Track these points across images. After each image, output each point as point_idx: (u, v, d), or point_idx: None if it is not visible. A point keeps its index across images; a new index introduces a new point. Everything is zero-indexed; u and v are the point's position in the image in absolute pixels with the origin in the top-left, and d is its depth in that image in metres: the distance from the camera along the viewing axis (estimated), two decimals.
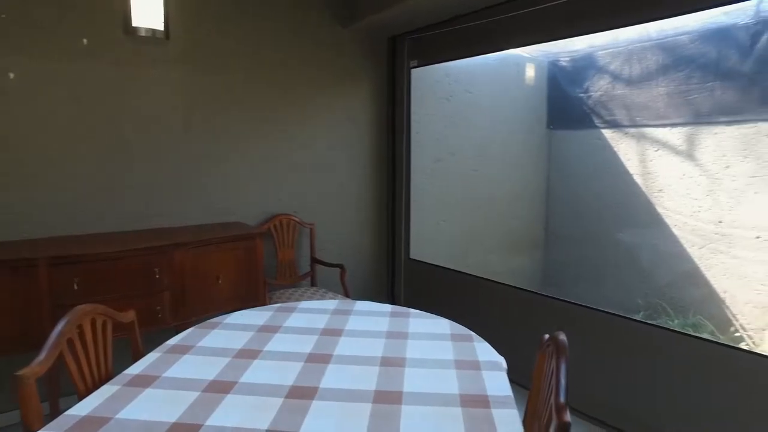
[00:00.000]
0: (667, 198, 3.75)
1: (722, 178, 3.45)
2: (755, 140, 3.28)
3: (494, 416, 1.23)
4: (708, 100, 3.48)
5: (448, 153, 4.02)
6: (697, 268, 3.62)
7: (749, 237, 3.34)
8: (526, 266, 4.61)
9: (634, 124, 3.92)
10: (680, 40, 3.57)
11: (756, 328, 3.31)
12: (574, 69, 4.25)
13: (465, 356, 1.59)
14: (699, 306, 3.61)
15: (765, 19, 3.11)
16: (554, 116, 4.48)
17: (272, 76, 3.23)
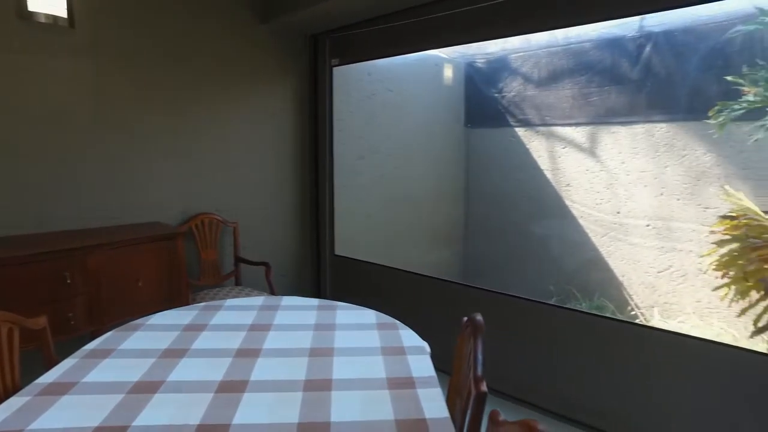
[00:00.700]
0: (574, 191, 4.07)
1: (619, 173, 3.80)
2: (644, 139, 3.65)
3: (419, 395, 1.32)
4: (605, 103, 3.82)
5: (370, 150, 4.10)
6: (600, 255, 3.97)
7: (641, 225, 3.72)
8: (448, 259, 4.81)
9: (543, 123, 4.21)
10: (582, 47, 3.89)
11: (646, 305, 3.70)
12: (489, 70, 4.49)
13: (390, 343, 1.67)
14: (602, 289, 3.96)
15: (648, 33, 3.48)
16: (471, 115, 4.70)
17: (188, 70, 3.14)
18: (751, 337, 2.54)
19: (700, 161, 3.41)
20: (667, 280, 3.62)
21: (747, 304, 2.52)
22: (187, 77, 3.13)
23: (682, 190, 3.49)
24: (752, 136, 2.98)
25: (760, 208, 2.72)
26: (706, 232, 3.21)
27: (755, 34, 2.96)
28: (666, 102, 3.54)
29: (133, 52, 2.89)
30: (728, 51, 3.13)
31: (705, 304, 3.43)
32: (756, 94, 2.78)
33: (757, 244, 2.44)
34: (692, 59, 3.35)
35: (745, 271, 2.47)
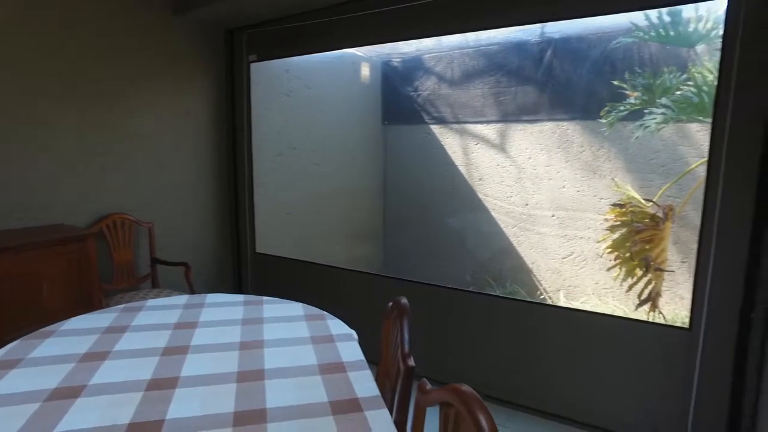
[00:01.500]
0: (486, 185, 4.33)
1: (526, 167, 4.10)
2: (548, 136, 3.97)
3: (350, 377, 1.39)
4: (513, 102, 4.10)
5: (289, 147, 4.09)
6: (511, 244, 4.26)
7: (547, 216, 4.04)
8: (370, 252, 4.92)
9: (457, 120, 4.43)
10: (492, 49, 4.14)
11: (553, 289, 4.03)
12: (404, 69, 4.64)
13: (319, 332, 1.72)
14: (514, 276, 4.25)
15: (548, 39, 3.79)
16: (388, 112, 4.83)
17: (98, 64, 2.96)
18: (636, 309, 2.89)
19: (595, 156, 3.77)
20: (570, 265, 3.97)
21: (633, 281, 2.85)
22: (98, 72, 2.96)
23: (581, 183, 3.84)
24: (634, 134, 3.36)
25: (641, 196, 3.08)
26: (601, 219, 3.57)
27: (633, 45, 3.33)
28: (566, 102, 3.87)
29: (39, 45, 2.69)
30: (614, 58, 3.50)
31: (602, 285, 3.81)
32: (636, 97, 3.14)
33: (640, 228, 2.77)
34: (585, 64, 3.69)
35: (631, 252, 2.80)
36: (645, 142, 3.50)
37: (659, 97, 3.05)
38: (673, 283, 3.42)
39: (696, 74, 2.97)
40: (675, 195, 3.31)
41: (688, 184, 3.26)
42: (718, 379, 2.17)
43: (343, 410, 1.22)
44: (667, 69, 3.18)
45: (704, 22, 2.91)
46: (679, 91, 3.02)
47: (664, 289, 3.32)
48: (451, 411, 0.95)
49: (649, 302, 2.78)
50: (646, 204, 2.88)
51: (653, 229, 2.73)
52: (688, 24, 2.97)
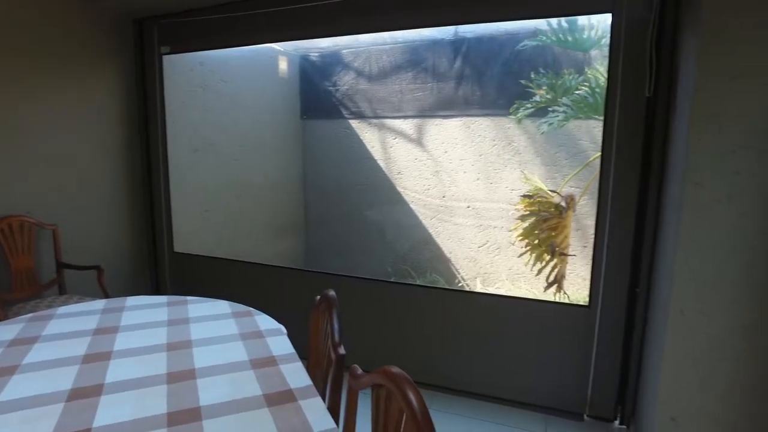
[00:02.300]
0: (405, 179, 4.47)
1: (443, 161, 4.28)
2: (463, 131, 4.17)
3: (282, 370, 1.43)
4: (430, 98, 4.26)
5: (206, 143, 3.97)
6: (430, 235, 4.44)
7: (462, 207, 4.25)
8: (292, 248, 4.91)
9: (375, 115, 4.52)
10: (408, 46, 4.26)
11: (470, 276, 4.27)
12: (323, 64, 4.65)
13: (248, 329, 1.74)
14: (433, 265, 4.44)
15: (462, 38, 3.98)
16: (307, 107, 4.82)
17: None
18: (544, 291, 3.16)
19: (506, 150, 4.02)
20: (485, 253, 4.21)
21: (541, 265, 3.11)
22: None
23: (494, 175, 4.09)
24: (540, 130, 3.64)
25: (548, 187, 3.36)
26: (513, 210, 3.83)
27: (538, 48, 3.60)
28: (478, 99, 4.09)
29: None
30: (521, 59, 3.75)
31: (515, 271, 4.09)
32: (541, 95, 3.40)
33: (546, 217, 3.03)
34: (496, 63, 3.93)
35: (539, 239, 3.05)
36: (550, 137, 3.80)
37: (561, 97, 3.32)
38: (576, 266, 3.75)
39: (590, 76, 3.27)
40: (577, 186, 3.63)
41: (588, 175, 3.59)
42: (612, 347, 2.44)
43: (278, 401, 1.26)
44: (567, 71, 3.47)
45: (595, 31, 3.21)
46: (578, 91, 3.31)
47: (568, 272, 3.64)
48: (382, 391, 1.03)
49: (556, 284, 3.05)
50: (552, 194, 3.14)
51: (557, 218, 3.00)
52: (583, 31, 3.26)
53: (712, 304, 1.84)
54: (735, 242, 1.79)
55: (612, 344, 2.44)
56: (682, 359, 1.92)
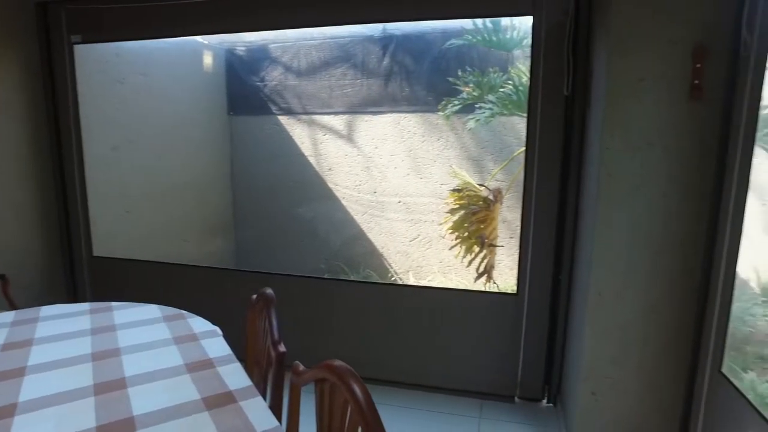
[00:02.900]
0: (336, 175, 4.46)
1: (373, 157, 4.32)
2: (392, 127, 4.23)
3: (220, 372, 1.39)
4: (359, 94, 4.28)
5: (126, 140, 3.75)
6: (362, 230, 4.46)
7: (393, 202, 4.32)
8: (222, 247, 4.75)
9: (305, 111, 4.47)
10: (337, 42, 4.25)
11: (403, 270, 4.34)
12: (250, 59, 4.53)
13: (181, 332, 1.67)
14: (366, 261, 4.47)
15: (390, 36, 4.03)
16: (234, 103, 4.68)
17: None
18: (475, 281, 3.29)
19: (436, 146, 4.13)
20: (417, 247, 4.31)
21: (471, 257, 3.23)
22: None
23: (424, 170, 4.18)
24: (467, 126, 3.78)
25: (476, 181, 3.49)
26: (442, 204, 3.94)
27: (464, 46, 3.72)
28: (407, 95, 4.16)
29: None
30: (449, 57, 3.86)
31: (446, 263, 4.21)
32: (468, 92, 3.52)
33: (475, 210, 3.15)
34: (424, 61, 4.01)
35: (468, 232, 3.17)
36: (477, 133, 3.94)
37: (487, 94, 3.46)
38: (504, 257, 3.93)
39: (514, 75, 3.43)
40: (504, 179, 3.80)
41: (514, 169, 3.76)
42: (539, 332, 2.59)
43: (218, 404, 1.23)
44: (492, 69, 3.62)
45: (518, 32, 3.37)
46: (502, 88, 3.46)
47: (497, 262, 3.81)
48: (326, 385, 1.03)
49: (485, 275, 3.18)
50: (480, 188, 3.27)
51: (486, 211, 3.12)
52: (507, 32, 3.41)
53: (625, 287, 2.01)
54: (644, 231, 1.96)
55: (539, 329, 2.59)
56: (599, 339, 2.08)
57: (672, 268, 1.96)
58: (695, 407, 1.97)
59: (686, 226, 1.92)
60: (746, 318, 3.59)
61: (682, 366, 2.02)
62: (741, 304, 3.80)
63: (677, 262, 1.95)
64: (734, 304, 3.77)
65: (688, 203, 1.90)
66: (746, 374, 2.65)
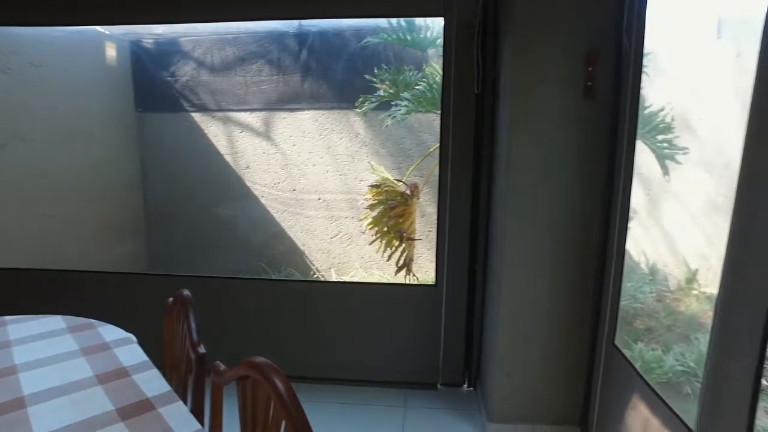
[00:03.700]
0: (254, 173, 4.36)
1: (292, 154, 4.27)
2: (310, 124, 4.21)
3: (136, 380, 1.33)
4: (276, 91, 4.21)
5: (14, 137, 3.42)
6: (282, 229, 4.40)
7: (313, 199, 4.30)
8: (132, 251, 4.49)
9: (220, 108, 4.32)
10: (251, 37, 4.14)
11: (325, 267, 4.35)
12: (159, 52, 4.29)
13: (90, 342, 1.57)
14: (288, 259, 4.42)
15: (307, 31, 4.00)
16: (142, 98, 4.42)
17: None
18: (395, 275, 3.37)
19: (354, 142, 4.16)
20: (338, 243, 4.32)
21: (391, 251, 3.31)
22: None
23: (343, 167, 4.20)
24: (384, 123, 3.85)
25: (394, 177, 3.57)
26: (362, 200, 3.99)
27: (380, 45, 3.78)
28: (325, 92, 4.15)
29: None
30: (365, 54, 3.91)
31: (368, 259, 4.26)
32: (385, 89, 3.59)
33: (393, 205, 3.22)
34: (341, 58, 4.03)
35: (388, 226, 3.24)
36: (395, 130, 4.03)
37: (402, 92, 3.54)
38: (424, 250, 4.05)
39: (428, 73, 3.54)
40: (421, 175, 3.91)
41: (430, 165, 3.88)
42: (457, 320, 2.72)
43: (135, 413, 1.18)
44: (407, 67, 3.71)
45: (431, 32, 3.48)
46: (417, 86, 3.55)
47: (416, 255, 3.92)
48: (248, 382, 1.03)
49: (405, 268, 3.27)
50: (398, 184, 3.35)
51: (404, 205, 3.21)
52: (421, 31, 3.51)
53: (533, 272, 2.16)
54: (548, 220, 2.12)
55: (457, 317, 2.71)
56: (511, 323, 2.22)
57: (573, 253, 2.13)
58: (595, 377, 2.16)
59: (585, 214, 2.10)
60: (637, 296, 3.99)
61: (584, 341, 2.21)
62: (633, 283, 4.21)
63: (578, 247, 2.13)
64: (628, 284, 4.16)
65: (585, 193, 2.08)
66: (636, 345, 2.95)
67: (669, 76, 4.11)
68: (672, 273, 4.43)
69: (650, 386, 1.70)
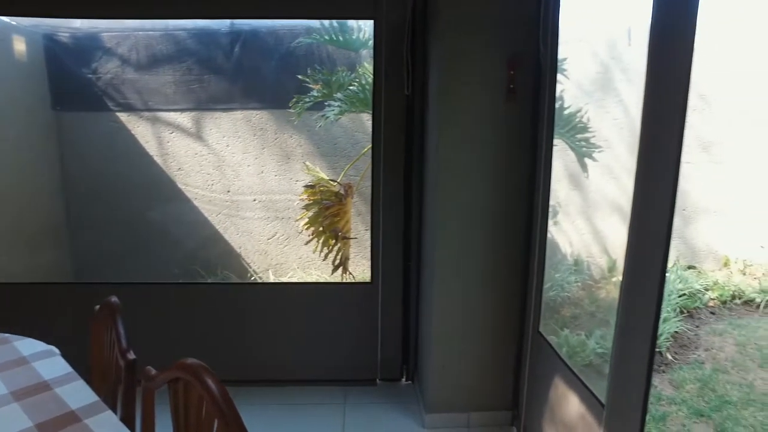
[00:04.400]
0: (186, 175, 4.23)
1: (225, 155, 4.19)
2: (243, 124, 4.14)
3: (59, 393, 1.28)
4: (207, 90, 4.10)
5: None
6: (217, 231, 4.31)
7: (249, 201, 4.24)
8: (53, 260, 4.22)
9: (147, 108, 4.15)
10: (180, 34, 4.01)
11: (263, 269, 4.30)
12: (78, 47, 4.06)
13: (6, 358, 1.49)
14: (224, 262, 4.32)
15: (238, 30, 3.92)
16: (60, 97, 4.16)
17: None
18: (332, 274, 3.40)
19: (289, 143, 4.14)
20: (275, 245, 4.28)
21: (327, 250, 3.33)
22: None
23: (278, 168, 4.17)
24: (318, 123, 3.86)
25: (330, 177, 3.59)
26: (298, 200, 3.98)
27: (312, 45, 3.79)
28: (258, 92, 4.10)
29: None
30: (298, 54, 3.89)
31: (305, 259, 4.26)
32: (318, 90, 3.60)
33: (328, 205, 3.25)
34: (274, 57, 3.99)
35: (323, 226, 3.26)
36: (329, 130, 4.04)
37: (336, 92, 3.56)
38: (362, 248, 4.10)
39: (361, 74, 3.59)
40: (356, 174, 3.95)
41: (365, 164, 3.93)
42: (394, 316, 2.79)
43: (58, 427, 1.14)
44: (341, 68, 3.73)
45: (363, 33, 3.53)
46: (351, 87, 3.59)
47: (355, 254, 3.95)
48: (180, 384, 1.02)
49: (341, 267, 3.30)
50: (332, 183, 3.38)
51: (339, 205, 3.24)
52: (353, 32, 3.55)
53: (463, 265, 2.26)
54: (476, 214, 2.22)
55: (394, 312, 2.78)
56: (444, 314, 2.31)
57: (500, 246, 2.25)
58: (523, 363, 2.30)
59: (510, 208, 2.22)
60: (564, 285, 4.24)
61: (513, 329, 2.34)
62: (560, 274, 4.46)
63: (505, 241, 2.25)
64: (555, 275, 4.41)
65: (510, 190, 2.20)
66: (563, 331, 3.15)
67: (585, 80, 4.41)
68: (596, 263, 4.73)
69: (570, 368, 1.83)
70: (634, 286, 1.31)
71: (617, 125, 4.17)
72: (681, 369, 3.16)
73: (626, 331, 1.34)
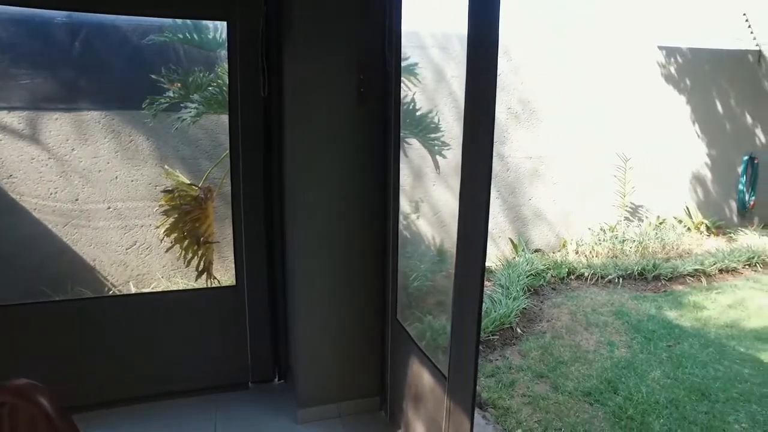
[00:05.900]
0: (21, 183, 3.77)
1: (71, 159, 3.81)
2: (91, 126, 3.81)
3: None
4: (42, 87, 3.69)
5: None
6: (65, 244, 3.91)
7: (102, 209, 3.92)
8: None
9: None
10: (3, 18, 3.54)
11: (122, 282, 4.00)
12: None
13: None
14: (75, 277, 3.93)
15: (79, 21, 3.57)
16: None
17: None
18: (196, 280, 3.29)
19: (145, 146, 3.89)
20: (136, 254, 4.01)
21: (190, 256, 3.21)
22: None
23: (134, 172, 3.90)
24: (174, 126, 3.68)
25: (191, 181, 3.46)
26: (157, 206, 3.77)
27: (166, 43, 3.60)
28: (108, 91, 3.79)
29: None
30: (151, 53, 3.67)
31: (169, 267, 4.04)
32: (175, 90, 3.44)
33: (188, 209, 3.13)
34: (123, 54, 3.71)
35: (185, 231, 3.14)
36: (190, 132, 3.88)
37: (193, 93, 3.44)
38: (229, 252, 3.98)
39: (220, 75, 3.50)
40: (220, 177, 3.83)
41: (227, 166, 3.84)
42: (262, 316, 2.79)
43: None
44: (198, 68, 3.60)
45: (220, 33, 3.44)
46: (210, 87, 3.48)
47: (223, 258, 3.85)
48: (4, 410, 0.95)
49: (206, 272, 3.21)
50: (192, 188, 3.26)
51: (199, 209, 3.14)
52: (209, 32, 3.44)
53: (326, 261, 2.35)
54: (337, 211, 2.32)
55: (261, 314, 2.78)
56: (310, 311, 2.38)
57: (361, 240, 2.37)
58: (385, 350, 2.45)
59: (367, 206, 2.35)
60: (429, 275, 4.54)
61: (375, 319, 2.48)
62: (426, 265, 4.77)
63: (365, 234, 2.37)
64: (421, 266, 4.69)
65: (367, 185, 2.33)
66: (426, 318, 3.40)
67: (432, 83, 4.76)
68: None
69: (421, 349, 2.01)
70: (463, 269, 1.50)
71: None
72: (527, 340, 3.58)
73: (458, 310, 1.52)
